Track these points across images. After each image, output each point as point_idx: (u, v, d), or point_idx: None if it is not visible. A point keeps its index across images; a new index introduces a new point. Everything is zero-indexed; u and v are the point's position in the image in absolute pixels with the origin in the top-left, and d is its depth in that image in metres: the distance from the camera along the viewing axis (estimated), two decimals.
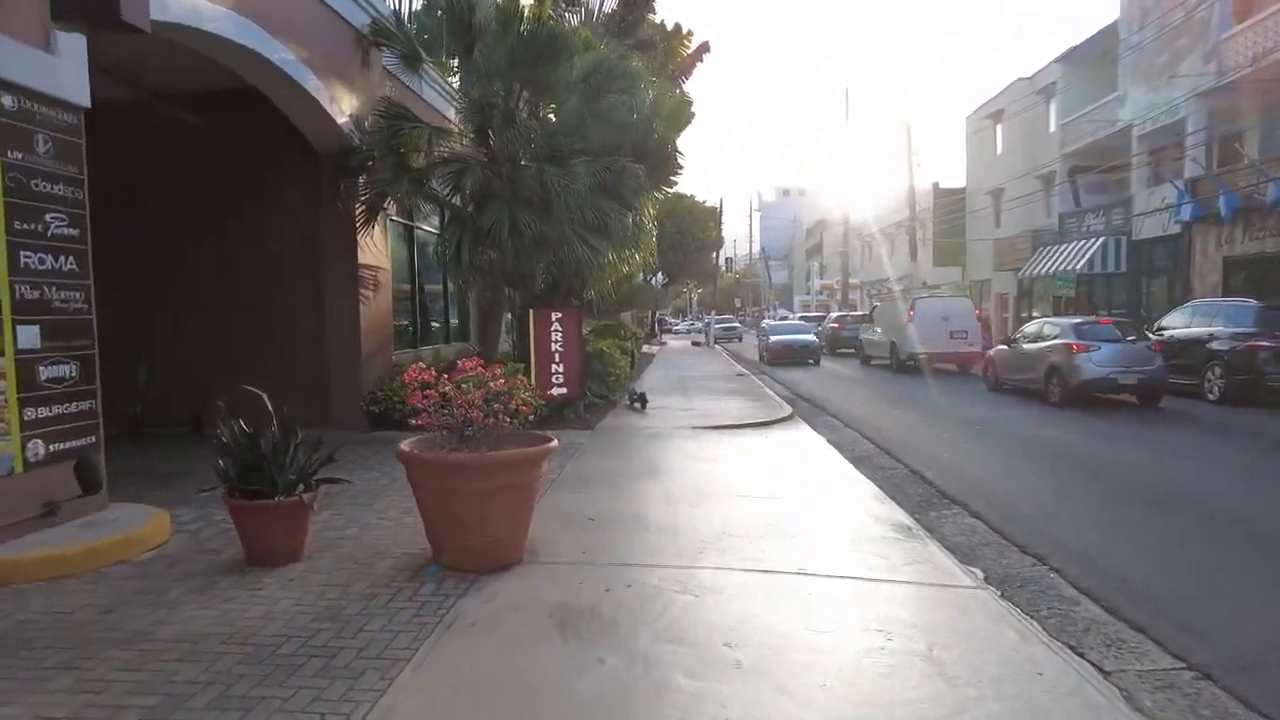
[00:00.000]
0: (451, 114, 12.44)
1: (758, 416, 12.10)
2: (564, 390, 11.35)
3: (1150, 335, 13.41)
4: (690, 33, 21.69)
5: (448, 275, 11.78)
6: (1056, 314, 24.54)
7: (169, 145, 10.65)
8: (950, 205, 39.51)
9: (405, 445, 4.99)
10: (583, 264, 10.25)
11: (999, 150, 34.73)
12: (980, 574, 5.01)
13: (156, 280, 10.81)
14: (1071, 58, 28.00)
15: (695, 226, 42.69)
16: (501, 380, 5.25)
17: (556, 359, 11.28)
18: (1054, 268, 25.46)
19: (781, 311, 63.20)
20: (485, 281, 11.58)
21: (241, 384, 5.27)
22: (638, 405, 12.93)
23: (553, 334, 11.22)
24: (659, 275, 39.02)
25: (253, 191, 10.69)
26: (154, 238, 10.81)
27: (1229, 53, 19.43)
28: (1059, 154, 28.52)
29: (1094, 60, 26.58)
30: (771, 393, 16.00)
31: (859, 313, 31.89)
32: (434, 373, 5.07)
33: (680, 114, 12.63)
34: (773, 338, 26.84)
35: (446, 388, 5.01)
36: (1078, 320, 14.01)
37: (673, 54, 21.13)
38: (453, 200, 10.58)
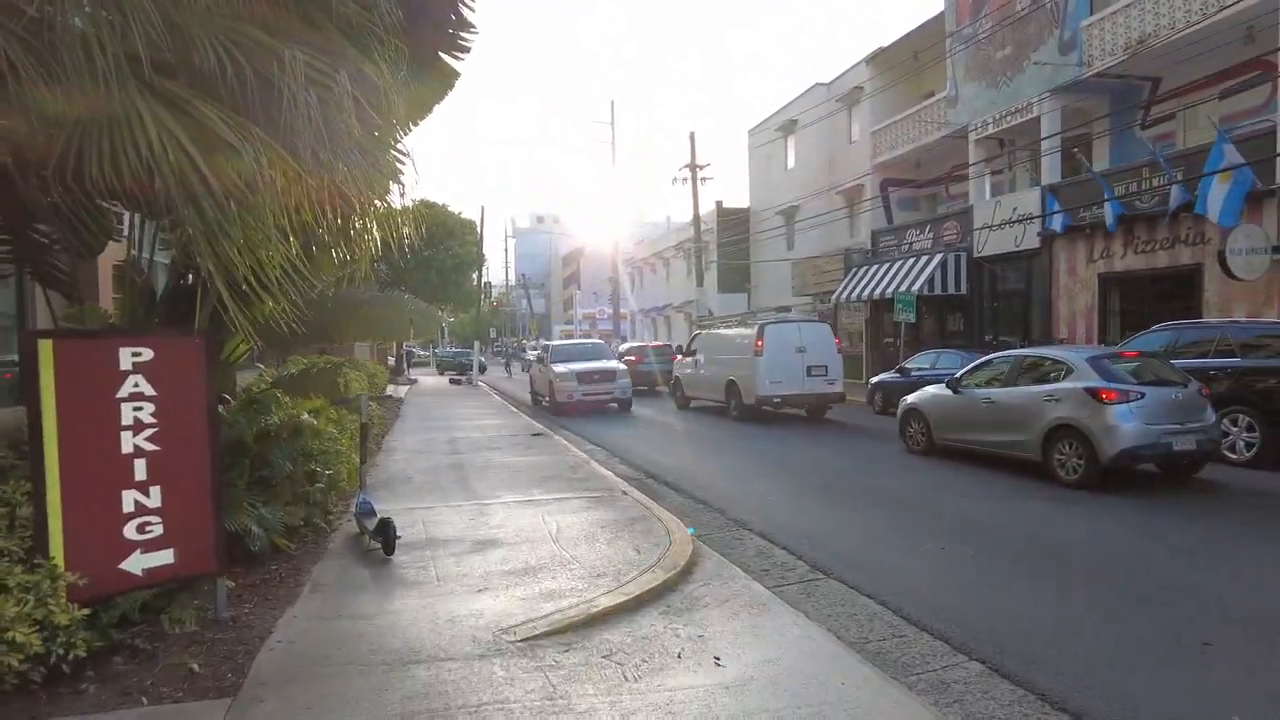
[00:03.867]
0: None
1: (636, 555, 5.76)
2: (168, 556, 4.18)
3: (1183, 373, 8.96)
4: None
5: None
6: (903, 344, 20.98)
7: None
8: (736, 225, 36.27)
9: None
10: (173, 173, 3.25)
11: (791, 164, 31.80)
12: None
13: None
14: (880, 59, 25.31)
15: (451, 240, 35.50)
16: None
17: (140, 473, 4.09)
18: (877, 290, 22.04)
19: (541, 341, 57.38)
20: None
21: None
22: (376, 544, 6.01)
23: (123, 408, 4.04)
24: (407, 298, 31.18)
25: None
26: None
27: (1094, 40, 16.79)
28: (870, 165, 25.63)
29: (906, 62, 23.93)
30: (607, 471, 9.74)
31: (660, 343, 26.79)
32: None
33: None
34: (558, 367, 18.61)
35: None
36: (1092, 351, 9.40)
37: None
38: None
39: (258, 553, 5.59)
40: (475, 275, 38.79)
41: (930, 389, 10.89)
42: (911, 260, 21.59)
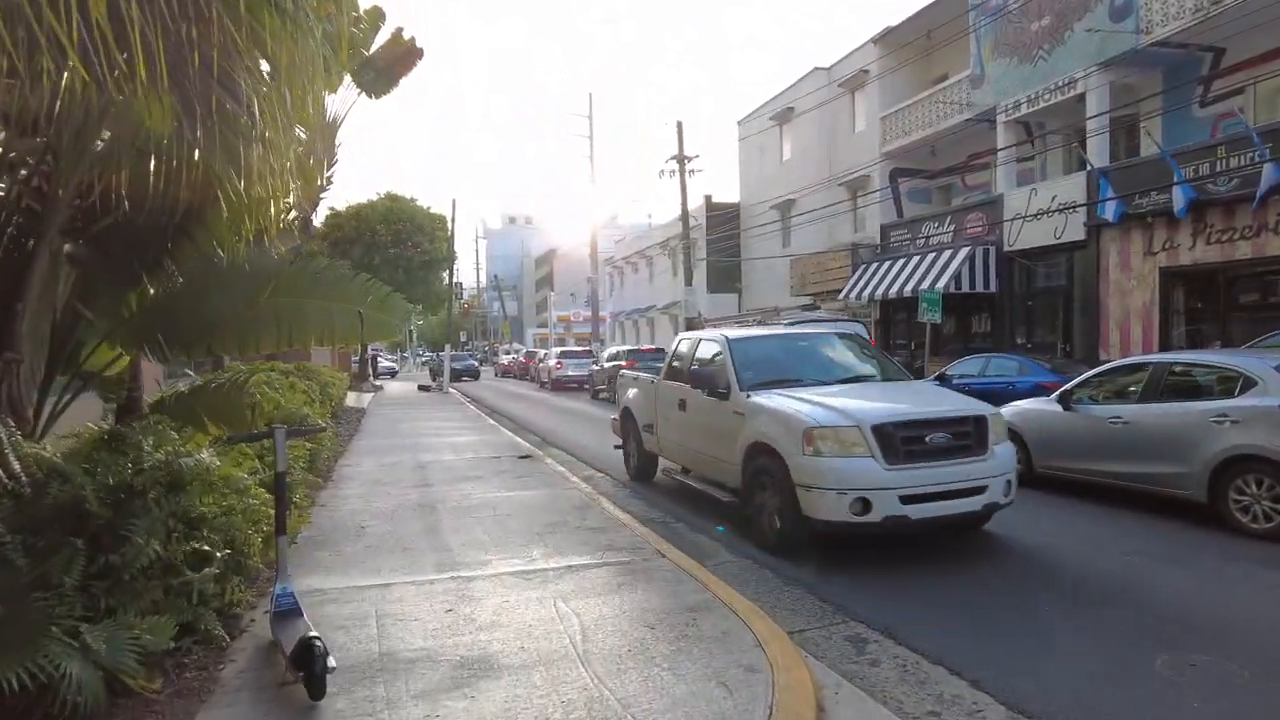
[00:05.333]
0: None
1: (725, 694, 3.48)
2: None
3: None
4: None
5: None
6: (927, 347, 18.92)
7: None
8: (726, 221, 34.12)
9: None
10: None
11: (787, 155, 29.76)
12: None
13: None
14: (889, 39, 23.33)
15: (420, 236, 32.92)
16: None
17: None
18: (893, 288, 19.98)
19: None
20: None
21: None
22: (296, 677, 3.62)
23: None
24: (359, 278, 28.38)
25: None
26: None
27: (1154, 3, 14.87)
28: (878, 153, 23.62)
29: (919, 41, 21.95)
30: (623, 513, 7.41)
31: (653, 347, 24.55)
32: None
33: None
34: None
35: None
36: (1277, 358, 7.32)
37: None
38: None
39: (88, 706, 3.23)
40: (446, 274, 36.17)
41: (1027, 404, 8.73)
42: (932, 255, 19.56)
